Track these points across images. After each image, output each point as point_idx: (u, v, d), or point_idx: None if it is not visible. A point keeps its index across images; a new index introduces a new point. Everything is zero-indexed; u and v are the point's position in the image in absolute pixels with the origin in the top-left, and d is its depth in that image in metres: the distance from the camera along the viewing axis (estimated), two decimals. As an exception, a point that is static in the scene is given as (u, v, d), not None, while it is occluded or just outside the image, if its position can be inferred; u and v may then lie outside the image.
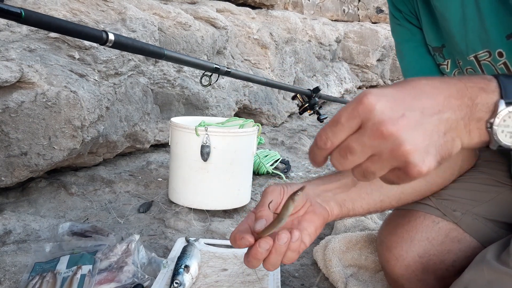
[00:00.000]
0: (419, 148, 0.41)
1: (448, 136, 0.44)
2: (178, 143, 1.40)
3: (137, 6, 1.88)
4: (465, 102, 0.45)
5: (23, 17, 0.80)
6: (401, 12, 0.87)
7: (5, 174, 1.25)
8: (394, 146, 0.41)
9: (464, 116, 0.45)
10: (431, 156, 0.42)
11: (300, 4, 4.27)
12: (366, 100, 0.42)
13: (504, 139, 0.44)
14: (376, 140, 0.41)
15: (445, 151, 0.44)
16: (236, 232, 0.60)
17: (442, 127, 0.43)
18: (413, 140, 0.41)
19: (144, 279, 0.91)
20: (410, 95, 0.44)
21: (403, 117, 0.42)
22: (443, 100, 0.44)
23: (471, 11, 0.71)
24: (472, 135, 0.45)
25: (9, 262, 0.99)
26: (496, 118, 0.44)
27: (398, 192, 0.77)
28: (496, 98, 0.45)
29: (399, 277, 0.83)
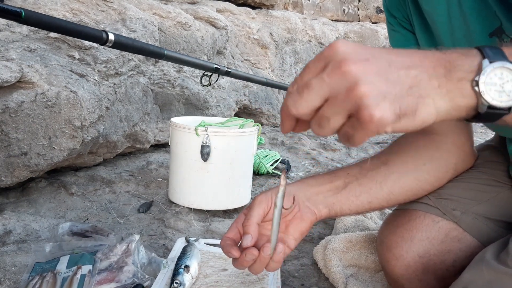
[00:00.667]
0: (375, 91, 0.39)
1: (414, 91, 0.40)
2: (178, 143, 1.40)
3: (137, 6, 1.88)
4: (442, 63, 0.42)
5: (23, 17, 0.80)
6: (396, 18, 0.88)
7: (5, 174, 1.25)
8: (350, 85, 0.39)
9: (438, 75, 0.41)
10: (387, 103, 0.39)
11: (300, 4, 4.27)
12: (333, 44, 0.41)
13: (492, 97, 0.41)
14: (334, 77, 0.40)
15: (408, 106, 0.40)
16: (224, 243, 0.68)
17: (408, 81, 0.41)
18: (371, 82, 0.39)
19: (144, 279, 0.91)
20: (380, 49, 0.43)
21: (366, 60, 0.40)
22: (416, 59, 0.42)
23: (455, 10, 0.71)
24: (451, 96, 0.41)
25: (9, 262, 0.99)
26: (482, 75, 0.41)
27: (387, 192, 0.78)
28: (479, 59, 0.42)
29: (399, 277, 0.83)
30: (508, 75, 0.41)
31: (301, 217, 0.71)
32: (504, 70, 0.41)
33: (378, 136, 3.16)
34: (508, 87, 0.41)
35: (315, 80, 0.41)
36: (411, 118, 0.40)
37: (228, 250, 0.67)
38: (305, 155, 2.37)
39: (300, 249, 1.19)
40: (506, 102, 0.41)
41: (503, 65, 0.41)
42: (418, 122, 0.41)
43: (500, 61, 0.41)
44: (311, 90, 0.41)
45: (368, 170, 0.79)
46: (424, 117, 0.41)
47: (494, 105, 0.41)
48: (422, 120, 0.41)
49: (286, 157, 2.22)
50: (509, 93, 0.41)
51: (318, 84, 0.41)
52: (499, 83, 0.41)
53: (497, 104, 0.41)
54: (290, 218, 0.71)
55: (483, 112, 0.42)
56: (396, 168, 0.79)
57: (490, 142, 0.97)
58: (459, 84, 0.41)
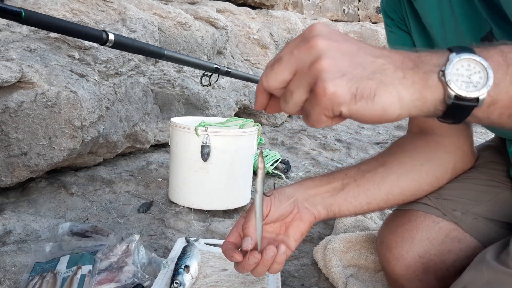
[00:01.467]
0: (335, 68, 0.39)
1: (376, 77, 0.40)
2: (178, 143, 1.40)
3: (137, 6, 1.88)
4: (411, 58, 0.42)
5: (23, 17, 0.80)
6: (393, 20, 0.88)
7: (5, 174, 1.25)
8: (314, 59, 0.40)
9: (405, 68, 0.41)
10: (344, 81, 0.39)
11: (300, 4, 4.27)
12: (313, 24, 0.43)
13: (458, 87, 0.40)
14: (302, 51, 0.41)
15: (366, 88, 0.39)
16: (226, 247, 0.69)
17: (372, 66, 0.40)
18: (333, 58, 0.39)
19: (144, 279, 0.91)
20: (357, 39, 0.43)
21: (336, 41, 0.41)
22: (387, 52, 0.42)
23: (447, 15, 0.72)
24: (416, 87, 0.40)
25: (9, 262, 0.99)
26: (448, 65, 0.40)
27: (385, 193, 0.78)
28: (447, 54, 0.42)
29: (400, 277, 0.83)
30: (475, 67, 0.40)
31: (301, 218, 0.71)
32: (471, 62, 0.40)
33: (378, 136, 3.16)
34: (475, 78, 0.40)
35: (285, 54, 0.42)
36: (369, 102, 0.39)
37: (231, 254, 0.67)
38: (305, 155, 2.37)
39: (300, 249, 1.19)
40: (473, 92, 0.40)
41: (469, 57, 0.40)
42: (377, 108, 0.40)
43: (467, 53, 0.41)
44: (280, 64, 0.42)
45: (366, 171, 0.79)
46: (384, 105, 0.40)
47: (460, 95, 0.40)
48: (382, 107, 0.40)
49: (286, 157, 2.22)
50: (476, 84, 0.40)
51: (287, 58, 0.42)
52: (466, 74, 0.40)
53: (463, 94, 0.40)
54: (290, 219, 0.71)
55: (451, 104, 0.40)
56: (394, 169, 0.79)
57: (490, 142, 0.97)
58: (425, 75, 0.41)
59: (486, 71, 0.40)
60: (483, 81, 0.40)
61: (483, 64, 0.40)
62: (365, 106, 0.40)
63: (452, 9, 0.71)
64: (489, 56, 0.41)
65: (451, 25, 0.72)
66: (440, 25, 0.75)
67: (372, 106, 0.40)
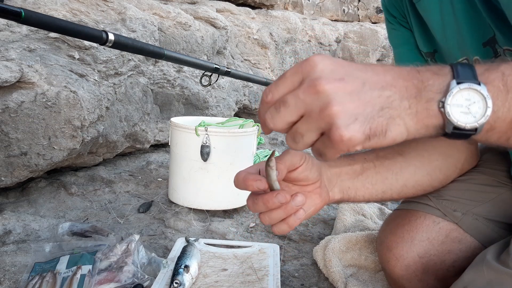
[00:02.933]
0: (347, 112, 0.40)
1: (385, 113, 0.41)
2: (178, 143, 1.40)
3: (137, 6, 1.88)
4: (414, 84, 0.43)
5: (23, 17, 0.80)
6: (395, 17, 0.88)
7: (5, 174, 1.25)
8: (323, 105, 0.40)
9: (409, 96, 0.42)
10: (358, 125, 0.40)
11: (300, 4, 4.27)
12: (311, 59, 0.42)
13: (457, 118, 0.41)
14: (309, 95, 0.41)
15: (378, 126, 0.41)
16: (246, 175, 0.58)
17: (380, 101, 0.41)
18: (343, 103, 0.40)
19: (144, 279, 0.91)
20: (357, 67, 0.43)
21: (341, 80, 0.41)
22: (390, 79, 0.43)
23: (449, 19, 0.72)
24: (420, 116, 0.42)
25: (9, 262, 0.99)
26: (448, 96, 0.41)
27: (401, 185, 0.78)
28: (449, 79, 0.42)
29: (400, 277, 0.83)
30: (474, 96, 0.41)
31: (320, 194, 0.67)
32: (470, 92, 0.41)
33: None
34: (474, 109, 0.41)
35: (291, 97, 0.42)
36: (381, 137, 0.41)
37: (252, 179, 0.56)
38: (305, 155, 2.37)
39: (300, 249, 1.19)
40: (471, 123, 0.41)
41: (469, 87, 0.41)
42: (388, 141, 0.42)
43: (467, 83, 0.41)
44: (287, 107, 0.42)
45: (384, 158, 0.78)
46: (394, 136, 0.42)
47: (459, 126, 0.41)
48: (393, 139, 0.42)
49: (286, 157, 2.21)
50: (475, 114, 0.41)
51: (294, 102, 0.42)
52: (465, 105, 0.41)
53: (462, 125, 0.41)
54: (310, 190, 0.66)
55: (450, 132, 0.42)
56: (413, 161, 0.78)
57: (490, 142, 0.97)
58: (427, 105, 0.42)
59: (485, 100, 0.41)
60: (482, 111, 0.41)
61: (482, 93, 0.41)
62: (378, 142, 0.42)
63: (454, 13, 0.71)
64: (489, 81, 0.42)
65: (453, 29, 0.72)
66: (441, 28, 0.75)
67: (384, 140, 0.42)
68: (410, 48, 0.89)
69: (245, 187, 0.58)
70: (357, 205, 1.38)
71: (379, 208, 1.46)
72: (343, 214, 1.33)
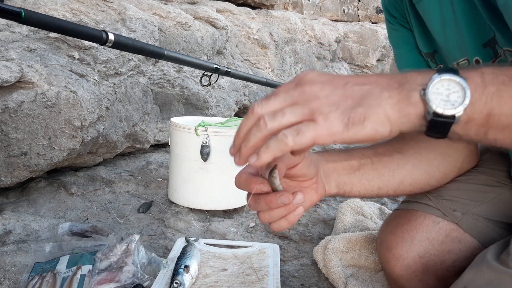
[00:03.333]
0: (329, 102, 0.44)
1: (365, 102, 0.44)
2: (178, 143, 1.40)
3: (137, 6, 1.88)
4: (397, 80, 0.45)
5: (23, 17, 0.80)
6: (395, 17, 0.88)
7: (5, 174, 1.25)
8: (309, 97, 0.45)
9: (390, 89, 0.44)
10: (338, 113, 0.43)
11: (300, 4, 4.27)
12: (302, 73, 0.48)
13: (437, 104, 0.43)
14: (297, 91, 0.45)
15: (356, 115, 0.43)
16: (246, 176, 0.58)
17: (360, 93, 0.44)
18: (327, 96, 0.44)
19: (144, 279, 0.91)
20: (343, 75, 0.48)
21: (327, 80, 0.46)
22: (374, 78, 0.46)
23: (449, 19, 0.72)
24: (401, 105, 0.44)
25: (9, 262, 0.99)
26: (429, 84, 0.43)
27: (397, 182, 0.78)
28: (431, 74, 0.45)
29: (399, 277, 0.83)
30: (454, 86, 0.44)
31: (316, 189, 0.68)
32: (451, 82, 0.44)
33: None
34: (453, 97, 0.43)
35: (282, 92, 0.47)
36: (360, 126, 0.43)
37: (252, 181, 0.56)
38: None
39: (300, 249, 1.19)
40: (449, 110, 0.43)
41: (450, 77, 0.44)
42: (368, 130, 0.43)
43: (448, 74, 0.44)
44: (277, 97, 0.46)
45: (382, 155, 0.78)
46: (374, 125, 0.43)
47: (438, 112, 0.43)
48: (373, 128, 0.43)
49: (286, 157, 2.21)
50: (454, 102, 0.43)
51: (284, 94, 0.46)
52: (445, 93, 0.43)
53: (440, 111, 0.43)
54: (307, 185, 0.66)
55: (430, 120, 0.44)
56: (411, 159, 0.79)
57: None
58: (409, 93, 0.44)
59: (464, 90, 0.43)
60: (460, 100, 0.43)
61: (462, 84, 0.43)
62: (357, 131, 0.43)
63: (454, 14, 0.71)
64: (469, 77, 0.44)
65: (453, 30, 0.72)
66: (441, 29, 0.75)
67: (363, 128, 0.43)
68: (410, 49, 0.89)
69: (248, 190, 0.58)
70: (357, 205, 1.38)
71: (379, 208, 1.46)
72: (343, 214, 1.33)
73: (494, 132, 0.45)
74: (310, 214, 1.45)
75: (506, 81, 0.43)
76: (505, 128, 0.44)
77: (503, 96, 0.43)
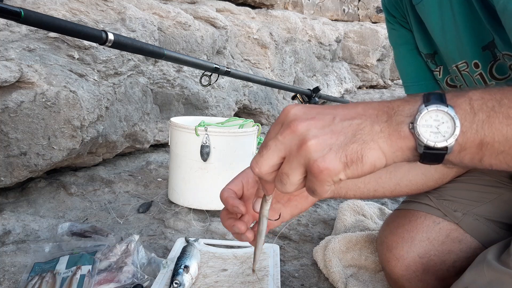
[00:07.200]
0: (321, 144, 0.42)
1: (358, 138, 0.43)
2: (178, 143, 1.40)
3: (137, 5, 1.88)
4: (385, 111, 0.44)
5: (22, 17, 0.79)
6: (395, 17, 0.88)
7: (4, 174, 1.24)
8: (299, 142, 0.43)
9: (380, 121, 0.43)
10: (333, 154, 0.42)
11: (300, 3, 4.26)
12: (285, 108, 0.46)
13: (427, 138, 0.42)
14: (286, 136, 0.44)
15: (353, 152, 0.42)
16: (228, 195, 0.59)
17: (351, 129, 0.43)
18: (316, 136, 0.43)
19: (143, 279, 0.91)
20: (328, 107, 0.46)
21: (313, 118, 0.44)
22: (360, 110, 0.44)
23: (449, 22, 0.72)
24: (392, 138, 0.43)
25: (9, 262, 0.99)
26: (417, 116, 0.43)
27: (394, 184, 0.78)
28: (418, 104, 0.44)
29: (400, 277, 0.83)
30: (443, 117, 0.43)
31: (306, 196, 0.67)
32: (439, 113, 0.43)
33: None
34: (443, 128, 0.43)
35: (271, 141, 0.45)
36: (359, 164, 0.42)
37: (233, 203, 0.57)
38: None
39: (300, 249, 1.19)
40: (441, 142, 0.42)
41: (437, 108, 0.43)
42: (368, 166, 0.43)
43: (435, 105, 0.43)
44: (268, 150, 0.45)
45: None
46: (372, 161, 0.43)
47: (429, 146, 0.42)
48: (371, 164, 0.43)
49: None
50: (444, 133, 0.43)
51: (273, 143, 0.45)
52: (434, 125, 0.43)
53: (432, 144, 0.42)
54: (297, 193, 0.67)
55: (422, 153, 0.43)
56: None
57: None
58: (398, 127, 0.43)
59: (453, 120, 0.42)
60: (451, 131, 0.42)
61: (450, 114, 0.42)
62: (357, 168, 0.43)
63: (454, 16, 0.71)
64: (457, 105, 0.43)
65: (452, 33, 0.72)
66: (441, 31, 0.75)
67: (362, 166, 0.43)
68: (410, 48, 0.89)
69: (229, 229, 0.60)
70: (357, 205, 1.38)
71: (379, 208, 1.46)
72: (343, 214, 1.33)
73: (488, 159, 0.44)
74: (310, 214, 1.45)
75: (495, 107, 0.42)
76: (500, 154, 0.43)
77: (494, 123, 0.42)
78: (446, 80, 0.83)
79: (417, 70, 0.89)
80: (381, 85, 5.18)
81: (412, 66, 0.89)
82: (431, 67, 0.85)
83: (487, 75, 0.72)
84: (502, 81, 0.71)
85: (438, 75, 0.84)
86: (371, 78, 5.01)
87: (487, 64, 0.70)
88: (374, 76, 5.04)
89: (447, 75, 0.82)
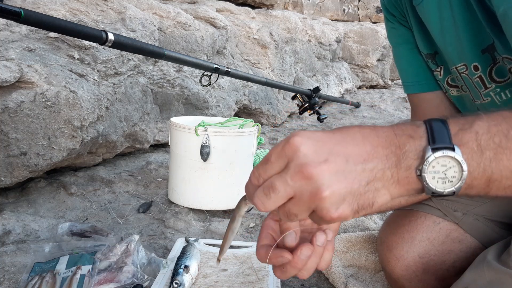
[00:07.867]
0: (335, 195, 0.41)
1: (371, 186, 0.43)
2: (178, 143, 1.40)
3: (137, 5, 1.88)
4: (393, 151, 0.44)
5: (22, 17, 0.80)
6: (394, 16, 0.88)
7: (4, 174, 1.24)
8: (313, 190, 0.41)
9: (391, 166, 0.43)
10: (346, 205, 0.42)
11: (300, 3, 4.26)
12: (292, 141, 0.42)
13: (435, 185, 0.43)
14: (298, 181, 0.42)
15: (365, 201, 0.43)
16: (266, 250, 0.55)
17: (365, 176, 0.43)
18: (331, 186, 0.41)
19: (143, 279, 0.91)
20: (337, 141, 0.44)
21: (325, 161, 0.42)
22: (371, 149, 0.43)
23: (448, 24, 0.72)
24: (402, 183, 0.44)
25: (9, 262, 0.99)
26: (424, 165, 0.43)
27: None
28: (424, 144, 0.43)
29: (400, 277, 0.83)
30: (450, 162, 0.43)
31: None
32: (446, 158, 0.43)
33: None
34: (450, 173, 0.43)
35: (279, 183, 0.43)
36: (369, 209, 0.44)
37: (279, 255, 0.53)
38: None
39: (300, 249, 1.19)
40: (448, 188, 0.43)
41: (444, 154, 0.42)
42: (375, 209, 0.45)
43: (442, 150, 0.42)
44: (277, 193, 0.43)
45: None
46: (380, 205, 0.44)
47: (437, 191, 0.43)
48: (379, 207, 0.44)
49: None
50: (452, 179, 0.43)
51: (283, 188, 0.42)
52: (441, 171, 0.43)
53: (439, 190, 0.43)
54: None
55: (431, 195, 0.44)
56: None
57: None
58: (407, 173, 0.44)
59: (461, 165, 0.42)
60: (458, 176, 0.43)
61: (457, 159, 0.42)
62: (365, 212, 0.44)
63: (453, 19, 0.70)
64: (463, 143, 0.43)
65: (452, 35, 0.72)
66: (440, 33, 0.75)
67: (371, 210, 0.44)
68: (410, 47, 0.89)
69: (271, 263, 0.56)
70: (357, 205, 1.38)
71: (379, 208, 1.46)
72: (343, 214, 1.33)
73: (495, 192, 0.44)
74: (310, 214, 1.45)
75: (502, 142, 0.42)
76: (507, 188, 0.44)
77: (501, 160, 0.42)
78: (447, 80, 0.83)
79: (417, 69, 0.88)
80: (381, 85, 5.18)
81: (412, 65, 0.89)
82: (432, 67, 0.85)
83: (487, 77, 0.72)
84: (502, 83, 0.71)
85: (439, 75, 0.84)
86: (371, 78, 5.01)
87: (487, 67, 0.70)
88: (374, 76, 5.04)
89: (448, 75, 0.82)
